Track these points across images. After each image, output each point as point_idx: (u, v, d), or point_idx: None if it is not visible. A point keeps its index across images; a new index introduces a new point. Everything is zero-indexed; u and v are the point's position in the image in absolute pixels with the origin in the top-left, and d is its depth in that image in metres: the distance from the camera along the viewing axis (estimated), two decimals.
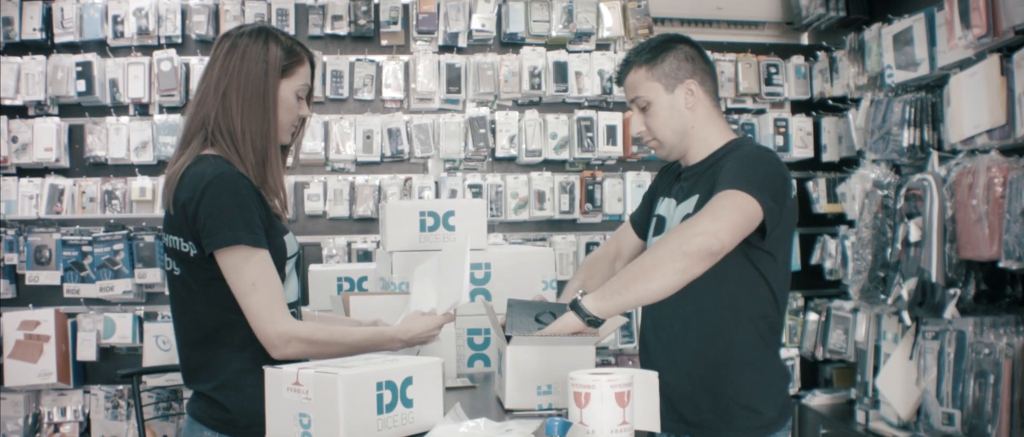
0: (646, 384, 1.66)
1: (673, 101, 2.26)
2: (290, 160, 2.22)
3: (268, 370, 1.65)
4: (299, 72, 2.09)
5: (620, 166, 4.66)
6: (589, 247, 4.56)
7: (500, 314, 2.21)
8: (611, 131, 4.53)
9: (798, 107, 4.82)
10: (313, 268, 3.11)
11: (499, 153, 4.53)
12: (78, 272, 4.22)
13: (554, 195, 4.54)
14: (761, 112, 4.77)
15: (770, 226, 2.08)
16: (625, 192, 4.57)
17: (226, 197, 1.93)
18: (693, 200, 2.23)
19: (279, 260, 2.05)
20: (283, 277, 2.08)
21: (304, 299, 3.01)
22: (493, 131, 4.53)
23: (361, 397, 1.58)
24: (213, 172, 1.95)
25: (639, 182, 4.58)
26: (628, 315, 2.13)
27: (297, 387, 1.58)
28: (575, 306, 1.98)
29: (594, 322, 1.98)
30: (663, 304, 2.06)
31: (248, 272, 1.93)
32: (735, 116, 4.74)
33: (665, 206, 2.37)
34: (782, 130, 4.68)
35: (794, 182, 2.20)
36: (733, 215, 1.99)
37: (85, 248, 4.22)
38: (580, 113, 4.54)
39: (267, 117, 2.04)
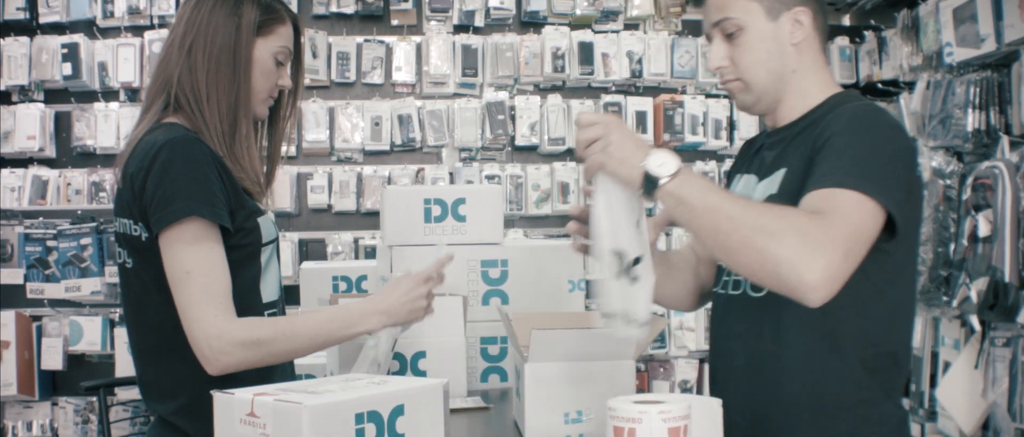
0: (708, 416, 1.30)
1: (776, 31, 1.67)
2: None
3: (217, 396, 1.31)
4: (278, 32, 1.84)
5: None
6: None
7: (523, 312, 1.86)
8: (641, 117, 4.37)
9: None
10: (305, 265, 2.81)
11: (519, 141, 4.36)
12: (42, 270, 3.97)
13: (579, 187, 4.30)
14: None
15: (902, 228, 1.55)
16: None
17: (178, 164, 1.64)
18: (779, 175, 1.68)
19: (253, 247, 1.77)
20: (259, 268, 1.79)
21: (295, 299, 2.72)
22: (512, 118, 4.35)
23: (334, 433, 1.23)
24: (165, 138, 1.67)
25: None
26: (663, 314, 1.74)
27: (252, 419, 1.23)
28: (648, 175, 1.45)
29: (651, 184, 1.44)
30: (736, 328, 1.64)
31: (186, 256, 1.62)
32: None
33: (743, 185, 1.81)
34: None
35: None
36: (842, 242, 1.41)
37: (49, 243, 3.97)
38: (607, 98, 4.38)
39: (237, 78, 1.78)
